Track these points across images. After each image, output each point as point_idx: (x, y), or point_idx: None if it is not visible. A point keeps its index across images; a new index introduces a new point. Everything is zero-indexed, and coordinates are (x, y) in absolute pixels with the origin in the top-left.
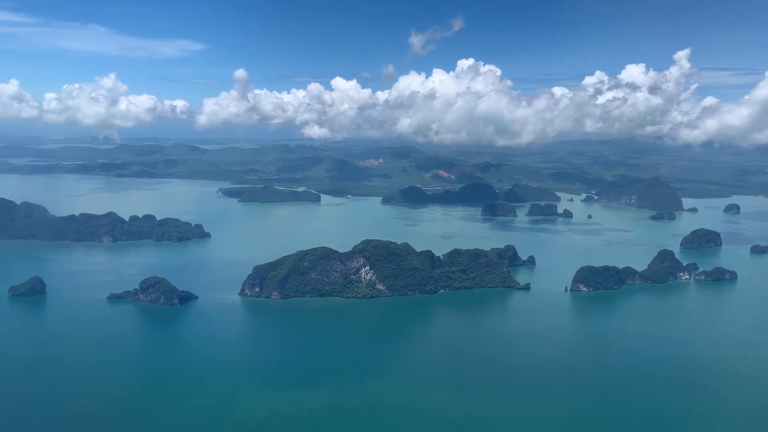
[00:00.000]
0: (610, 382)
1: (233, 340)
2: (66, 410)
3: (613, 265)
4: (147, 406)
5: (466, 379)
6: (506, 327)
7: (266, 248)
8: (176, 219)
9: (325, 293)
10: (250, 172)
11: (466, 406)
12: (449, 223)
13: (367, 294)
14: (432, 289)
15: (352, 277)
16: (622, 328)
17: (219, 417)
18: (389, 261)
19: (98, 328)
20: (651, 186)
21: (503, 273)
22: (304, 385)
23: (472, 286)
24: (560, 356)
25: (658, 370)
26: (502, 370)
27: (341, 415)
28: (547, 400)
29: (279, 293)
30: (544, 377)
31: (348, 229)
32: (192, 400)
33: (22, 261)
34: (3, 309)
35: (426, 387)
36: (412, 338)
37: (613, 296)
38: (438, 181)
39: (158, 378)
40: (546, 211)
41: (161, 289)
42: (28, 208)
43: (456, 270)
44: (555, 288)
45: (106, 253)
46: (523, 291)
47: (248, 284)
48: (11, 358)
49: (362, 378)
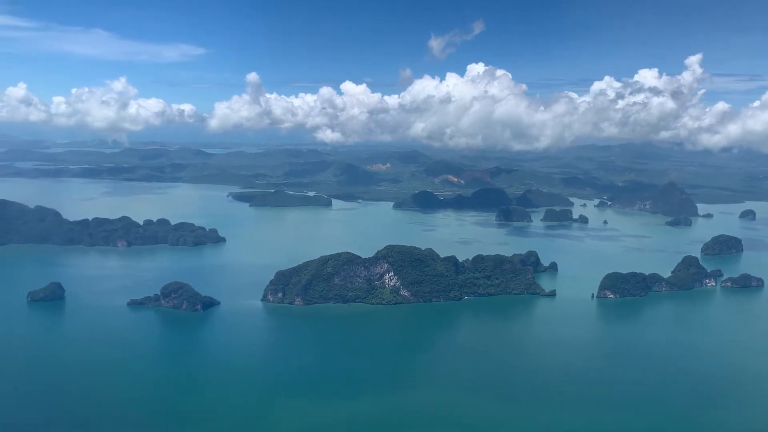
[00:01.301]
0: (644, 392)
1: (261, 348)
2: (94, 419)
3: (637, 271)
4: (183, 415)
5: (502, 388)
6: (535, 335)
7: (283, 253)
8: (191, 223)
9: (349, 299)
10: (258, 177)
11: (502, 416)
12: (464, 228)
13: (391, 300)
14: (457, 296)
15: (375, 283)
16: (653, 336)
17: (257, 427)
18: (413, 267)
19: (122, 335)
20: (665, 191)
21: (528, 279)
22: (340, 394)
23: (497, 292)
24: (592, 365)
25: (691, 381)
26: (534, 379)
27: (380, 427)
28: (581, 411)
29: (302, 299)
30: (578, 387)
31: (363, 233)
32: (228, 410)
33: (38, 265)
34: (23, 315)
35: (462, 396)
36: (442, 346)
37: (640, 303)
38: (448, 186)
39: (191, 387)
40: (561, 216)
41: (184, 294)
42: (41, 212)
43: (480, 276)
44: (581, 295)
45: (122, 258)
46: (548, 298)
47: (270, 290)
48: (34, 365)
49: (397, 387)
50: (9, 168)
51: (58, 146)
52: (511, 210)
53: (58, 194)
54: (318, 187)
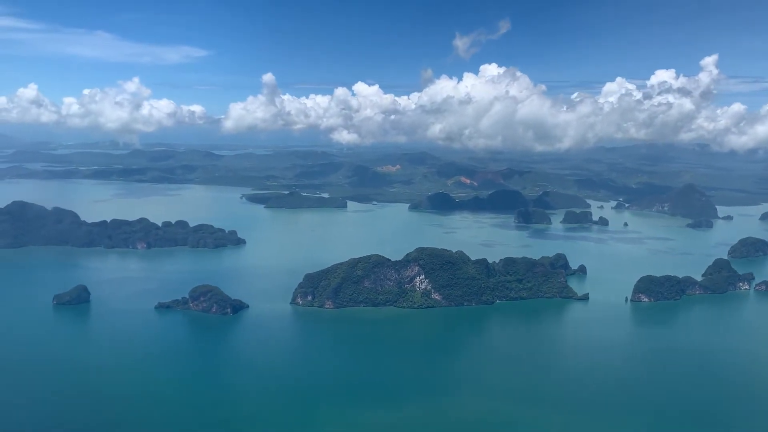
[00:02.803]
0: (690, 401)
1: (296, 353)
2: (130, 427)
3: (667, 275)
4: (225, 422)
5: (545, 395)
6: (573, 340)
7: (306, 255)
8: (210, 225)
9: (379, 303)
10: (269, 178)
11: (546, 423)
12: (484, 230)
13: (422, 304)
14: (489, 300)
15: (406, 286)
16: (693, 341)
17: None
18: (444, 270)
19: (152, 339)
20: (684, 194)
21: (560, 283)
22: (382, 401)
23: (529, 296)
24: (633, 371)
25: (736, 389)
26: (577, 386)
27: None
28: (626, 419)
29: (333, 302)
30: (622, 394)
31: (384, 235)
32: (270, 418)
33: (60, 268)
34: (50, 319)
35: (506, 404)
36: (480, 351)
37: (675, 307)
38: (460, 188)
39: (231, 392)
40: (581, 218)
41: (213, 297)
42: (59, 214)
43: (512, 279)
44: (614, 298)
45: (143, 260)
46: (581, 302)
47: (300, 293)
48: (64, 370)
49: (439, 393)
50: (19, 169)
51: (64, 148)
52: (530, 212)
53: (71, 196)
54: (330, 189)
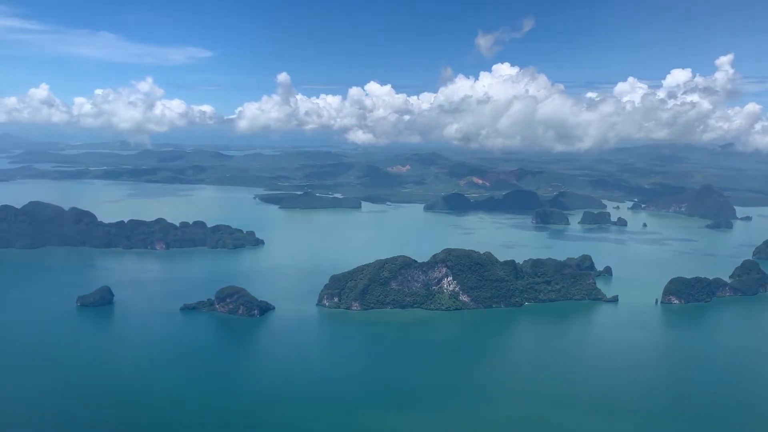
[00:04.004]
0: (732, 408)
1: (328, 355)
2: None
3: (694, 276)
4: (264, 428)
5: (586, 399)
6: (604, 342)
7: (327, 256)
8: (227, 225)
9: (407, 305)
10: (280, 179)
11: (583, 427)
12: (503, 231)
13: (450, 306)
14: (518, 302)
15: (433, 287)
16: (726, 344)
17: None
18: (473, 271)
19: (180, 341)
20: (702, 194)
21: (589, 284)
22: (421, 405)
23: (558, 298)
24: (670, 376)
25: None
26: (616, 391)
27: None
28: (657, 423)
29: (360, 304)
30: (662, 399)
31: (403, 236)
32: (311, 423)
33: (80, 269)
34: (75, 320)
35: (546, 409)
36: (514, 354)
37: (706, 309)
38: (473, 188)
39: (269, 397)
40: (599, 219)
41: (240, 299)
42: (77, 214)
43: (540, 281)
44: (644, 300)
45: (162, 261)
46: (611, 303)
47: (326, 294)
48: (94, 375)
49: (479, 398)
50: (29, 169)
51: (71, 148)
52: (548, 212)
53: (83, 196)
54: (342, 189)
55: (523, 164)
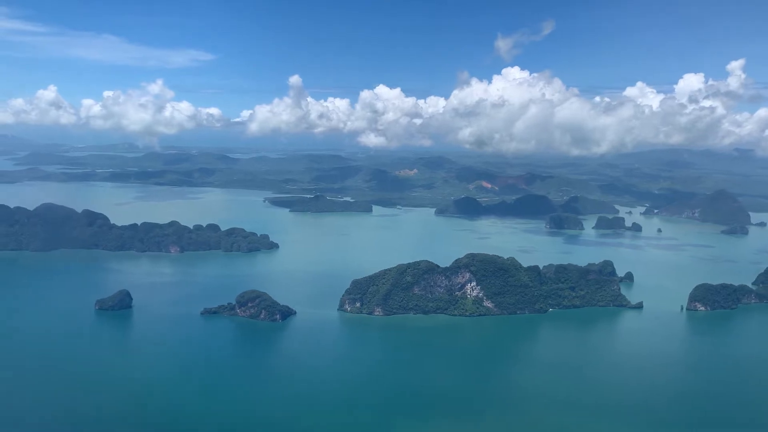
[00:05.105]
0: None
1: (356, 363)
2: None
3: (723, 283)
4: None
5: (612, 407)
6: (632, 350)
7: (344, 260)
8: (241, 229)
9: (430, 310)
10: (288, 182)
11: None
12: (517, 236)
13: (474, 312)
14: (542, 308)
15: (456, 293)
16: (755, 352)
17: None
18: (497, 276)
19: (204, 347)
20: (716, 199)
21: (614, 291)
22: (454, 414)
23: (582, 304)
24: (696, 383)
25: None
26: (643, 398)
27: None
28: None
29: (382, 309)
30: (686, 406)
31: (418, 240)
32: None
33: (95, 272)
34: (94, 325)
35: (574, 416)
36: (539, 362)
37: (732, 316)
38: (482, 192)
39: (302, 405)
40: (614, 224)
41: (262, 303)
42: (90, 217)
43: (564, 287)
44: (668, 307)
45: (178, 264)
46: (635, 310)
47: (348, 299)
48: (117, 380)
49: (508, 406)
50: (36, 171)
51: (76, 150)
52: (562, 217)
53: (92, 198)
54: (350, 193)
55: (530, 168)
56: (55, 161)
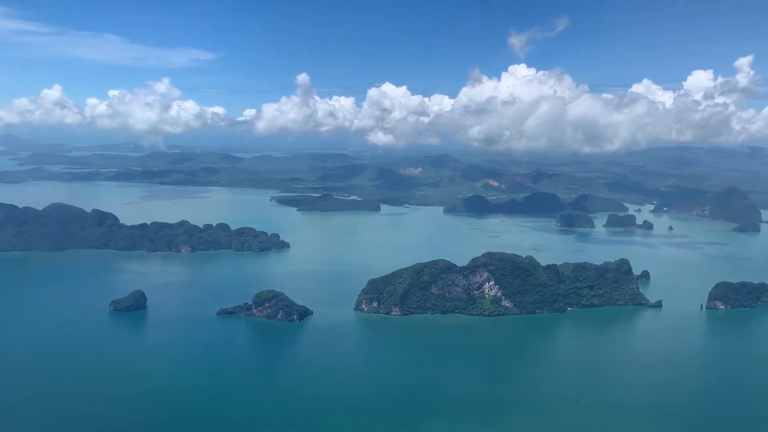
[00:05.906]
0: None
1: (376, 363)
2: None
3: (743, 281)
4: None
5: (637, 407)
6: (653, 349)
7: (356, 259)
8: (251, 228)
9: (447, 310)
10: (294, 181)
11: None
12: (528, 234)
13: (492, 311)
14: (561, 307)
15: (474, 292)
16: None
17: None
18: (515, 276)
19: (222, 347)
20: (726, 197)
21: (633, 289)
22: (482, 417)
23: (601, 303)
24: (720, 383)
25: None
26: (667, 398)
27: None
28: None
29: (400, 309)
30: (711, 407)
31: (429, 239)
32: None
33: (107, 272)
34: (110, 326)
35: (600, 417)
36: (561, 362)
37: (752, 315)
38: (489, 191)
39: (315, 406)
40: (625, 222)
41: (279, 304)
42: (100, 217)
43: (583, 286)
44: (688, 306)
45: (189, 264)
46: (655, 309)
47: (365, 299)
48: (133, 384)
49: (534, 407)
50: (41, 171)
51: (78, 150)
52: (573, 215)
53: (98, 198)
54: (357, 192)
55: (535, 167)
56: (59, 161)
